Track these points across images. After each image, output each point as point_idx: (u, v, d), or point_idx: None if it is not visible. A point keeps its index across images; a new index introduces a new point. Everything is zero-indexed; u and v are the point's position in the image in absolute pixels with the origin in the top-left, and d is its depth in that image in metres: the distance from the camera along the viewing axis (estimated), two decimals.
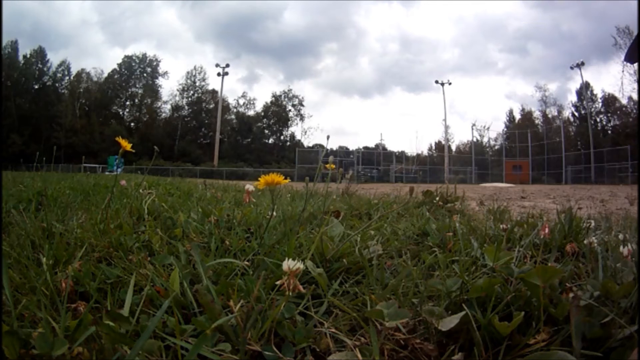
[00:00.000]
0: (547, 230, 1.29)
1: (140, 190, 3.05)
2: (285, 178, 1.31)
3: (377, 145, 54.81)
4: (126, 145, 1.75)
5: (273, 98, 58.20)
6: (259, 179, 1.28)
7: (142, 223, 1.83)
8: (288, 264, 0.86)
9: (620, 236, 1.39)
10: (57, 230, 1.58)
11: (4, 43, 43.83)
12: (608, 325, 0.75)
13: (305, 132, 58.03)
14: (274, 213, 1.87)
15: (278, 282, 0.89)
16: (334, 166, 2.11)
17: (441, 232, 1.74)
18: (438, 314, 0.76)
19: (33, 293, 0.98)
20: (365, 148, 50.56)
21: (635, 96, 39.77)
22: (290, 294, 0.85)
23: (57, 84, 52.76)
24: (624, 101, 41.95)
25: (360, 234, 1.67)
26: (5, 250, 1.26)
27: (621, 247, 1.12)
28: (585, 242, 1.33)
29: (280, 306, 0.84)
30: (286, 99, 58.12)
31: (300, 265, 0.85)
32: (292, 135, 58.66)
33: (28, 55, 50.93)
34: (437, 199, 3.32)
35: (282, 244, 1.41)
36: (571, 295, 0.72)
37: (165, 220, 1.84)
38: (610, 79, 76.91)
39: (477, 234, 1.77)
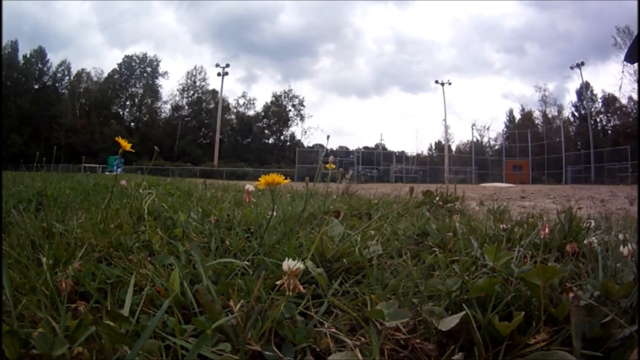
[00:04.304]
0: (547, 230, 1.28)
1: (140, 190, 3.06)
2: (286, 178, 1.31)
3: (377, 145, 54.84)
4: (126, 145, 1.75)
5: (273, 98, 58.26)
6: (259, 179, 1.27)
7: (142, 223, 1.82)
8: (288, 264, 0.86)
9: (620, 236, 1.38)
10: (57, 230, 1.58)
11: (3, 43, 43.82)
12: (608, 325, 0.74)
13: (305, 132, 58.07)
14: (274, 213, 1.87)
15: (278, 282, 0.89)
16: (334, 166, 2.12)
17: (441, 232, 1.74)
18: (438, 314, 0.76)
19: (33, 293, 0.98)
20: (365, 148, 50.58)
21: (635, 96, 39.76)
22: (290, 294, 0.85)
23: (57, 84, 52.81)
24: (624, 101, 41.95)
25: (360, 233, 1.67)
26: (5, 250, 1.26)
27: (621, 247, 1.11)
28: (585, 242, 1.32)
29: (280, 306, 0.84)
30: (286, 99, 58.15)
31: (300, 265, 0.85)
32: (292, 135, 58.70)
33: (28, 56, 50.95)
34: (437, 199, 3.32)
35: (282, 243, 1.41)
36: (571, 295, 0.72)
37: (166, 220, 1.84)
38: (609, 78, 77.00)
39: (477, 233, 1.77)
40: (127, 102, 56.70)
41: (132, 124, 55.98)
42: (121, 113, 56.67)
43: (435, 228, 1.79)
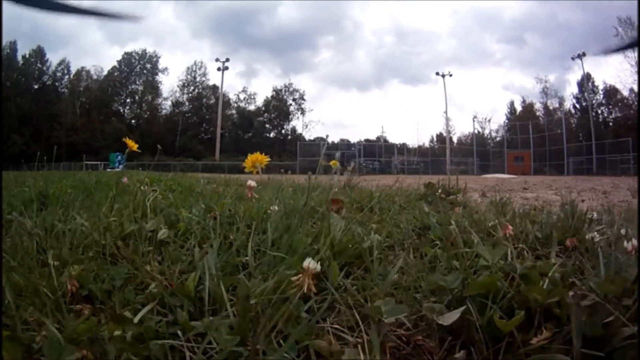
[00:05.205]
0: (509, 229, 1.21)
1: (142, 187, 3.05)
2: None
3: (378, 138, 54.74)
4: (132, 145, 1.77)
5: (274, 92, 58.02)
6: (246, 160, 1.39)
7: (145, 220, 1.83)
8: (308, 264, 0.86)
9: (623, 230, 1.34)
10: (61, 229, 1.58)
11: (2, 44, 43.74)
12: (610, 324, 0.73)
13: (307, 126, 57.92)
14: (276, 207, 1.88)
15: (293, 279, 0.89)
16: (337, 163, 2.14)
17: (443, 225, 1.74)
18: (439, 310, 0.76)
19: (37, 296, 0.98)
20: (367, 140, 50.51)
21: (636, 88, 39.49)
22: (304, 292, 0.85)
23: (56, 83, 52.73)
24: (625, 93, 41.61)
25: (363, 227, 1.68)
26: (7, 252, 1.26)
27: (625, 243, 1.07)
28: (587, 237, 1.29)
29: (289, 305, 0.84)
30: (287, 93, 57.95)
31: (317, 267, 0.86)
32: (294, 129, 58.55)
33: (27, 56, 50.78)
34: (439, 191, 3.31)
35: (284, 238, 1.41)
36: (571, 293, 0.70)
37: (170, 216, 1.84)
38: (610, 70, 76.38)
39: (479, 226, 1.77)
40: (128, 100, 56.66)
41: (133, 121, 55.93)
42: (122, 110, 56.61)
43: (437, 221, 1.78)
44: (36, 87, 51.01)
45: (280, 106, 57.12)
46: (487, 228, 1.69)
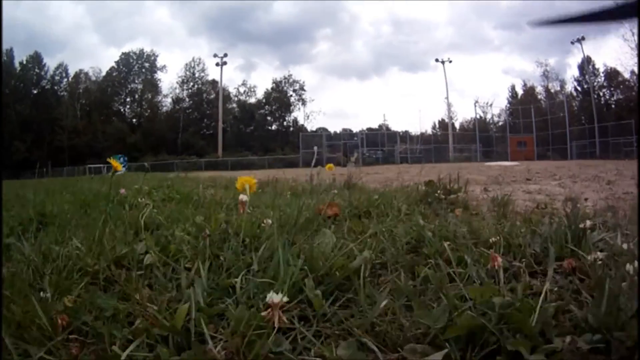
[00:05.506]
0: (498, 260, 1.11)
1: (139, 199, 3.06)
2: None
3: (380, 126, 54.52)
4: (117, 166, 1.87)
5: (274, 84, 57.79)
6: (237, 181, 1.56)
7: (137, 239, 1.83)
8: (272, 298, 0.84)
9: (626, 246, 1.24)
10: (57, 254, 1.57)
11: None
12: None
13: (308, 117, 57.74)
14: (270, 221, 1.87)
15: (263, 314, 0.88)
16: (333, 167, 2.13)
17: (438, 236, 1.71)
18: (421, 351, 0.75)
19: (31, 329, 0.98)
20: (369, 129, 50.36)
21: (637, 70, 38.90)
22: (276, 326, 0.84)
23: (55, 87, 52.78)
24: (627, 75, 41.00)
25: (356, 241, 1.66)
26: (5, 282, 1.26)
27: (627, 265, 0.94)
28: (589, 257, 1.19)
29: (266, 342, 0.84)
30: (287, 85, 57.69)
31: (284, 298, 0.84)
32: (295, 121, 58.38)
33: (24, 62, 50.82)
34: (439, 191, 3.27)
35: (276, 257, 1.40)
36: (568, 338, 0.66)
37: (161, 237, 1.84)
38: (610, 52, 75.14)
39: (477, 236, 1.75)
40: (128, 99, 56.66)
41: (134, 120, 55.90)
42: (122, 110, 56.61)
43: (432, 235, 1.74)
44: (35, 92, 51.09)
45: (280, 97, 56.89)
46: (484, 239, 1.66)
